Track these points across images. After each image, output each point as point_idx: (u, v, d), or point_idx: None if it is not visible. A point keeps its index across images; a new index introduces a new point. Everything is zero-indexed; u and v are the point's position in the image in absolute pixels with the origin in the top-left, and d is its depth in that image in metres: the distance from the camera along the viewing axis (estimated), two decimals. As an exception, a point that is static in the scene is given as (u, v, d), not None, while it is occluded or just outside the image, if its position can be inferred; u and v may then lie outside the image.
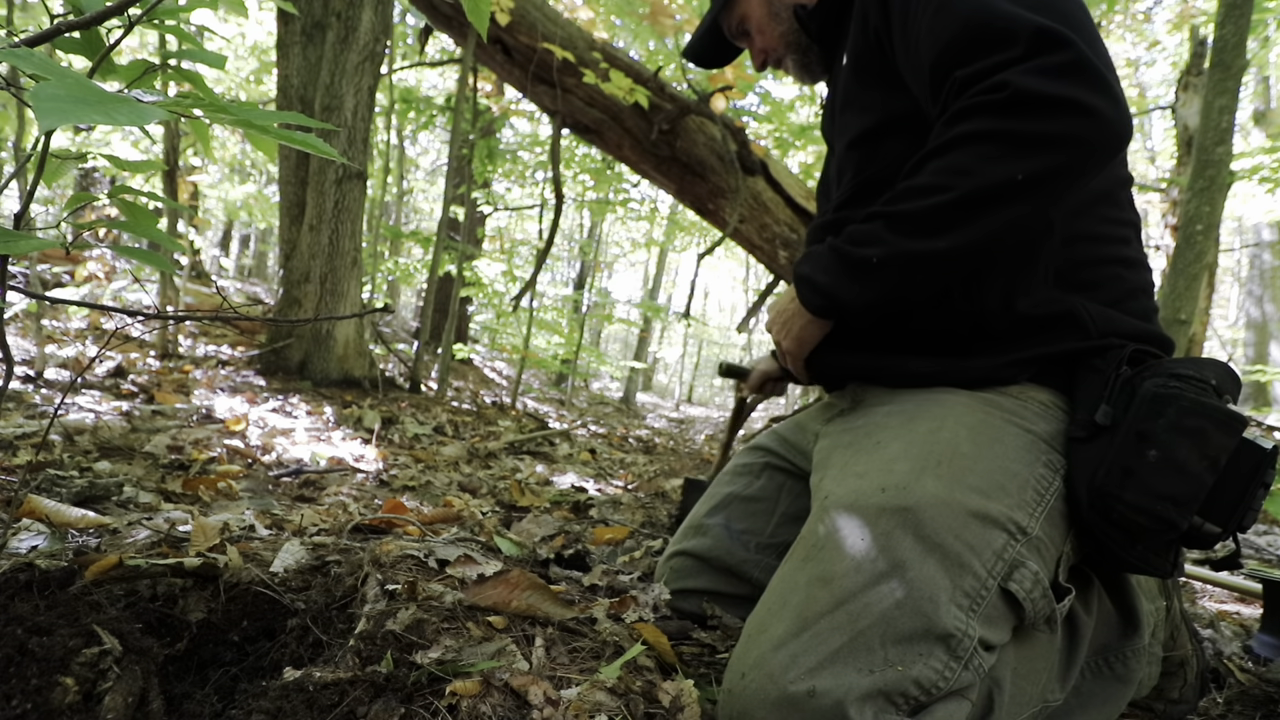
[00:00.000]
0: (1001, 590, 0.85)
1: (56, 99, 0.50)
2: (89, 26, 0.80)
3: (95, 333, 4.61)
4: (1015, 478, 0.90)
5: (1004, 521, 0.87)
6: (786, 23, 1.28)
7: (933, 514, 0.85)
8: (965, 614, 0.82)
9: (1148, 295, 1.05)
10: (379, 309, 1.12)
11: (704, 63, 1.45)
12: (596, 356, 11.06)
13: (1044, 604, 0.87)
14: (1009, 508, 0.88)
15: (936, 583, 0.82)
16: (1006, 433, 0.94)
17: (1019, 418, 0.96)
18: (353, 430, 3.09)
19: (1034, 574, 0.86)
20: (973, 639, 0.80)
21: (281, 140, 0.73)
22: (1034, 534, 0.88)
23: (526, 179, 8.70)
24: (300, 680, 0.80)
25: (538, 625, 0.99)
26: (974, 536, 0.85)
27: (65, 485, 1.58)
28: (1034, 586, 0.86)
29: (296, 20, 4.32)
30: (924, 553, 0.83)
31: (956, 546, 0.84)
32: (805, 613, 0.83)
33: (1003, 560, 0.85)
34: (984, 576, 0.84)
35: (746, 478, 1.32)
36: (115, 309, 0.79)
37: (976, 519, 0.86)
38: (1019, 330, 0.99)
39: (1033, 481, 0.91)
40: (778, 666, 0.79)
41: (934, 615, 0.80)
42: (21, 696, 0.72)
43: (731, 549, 1.25)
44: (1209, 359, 0.94)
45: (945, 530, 0.84)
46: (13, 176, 1.00)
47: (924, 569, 0.82)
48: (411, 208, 15.33)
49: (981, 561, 0.84)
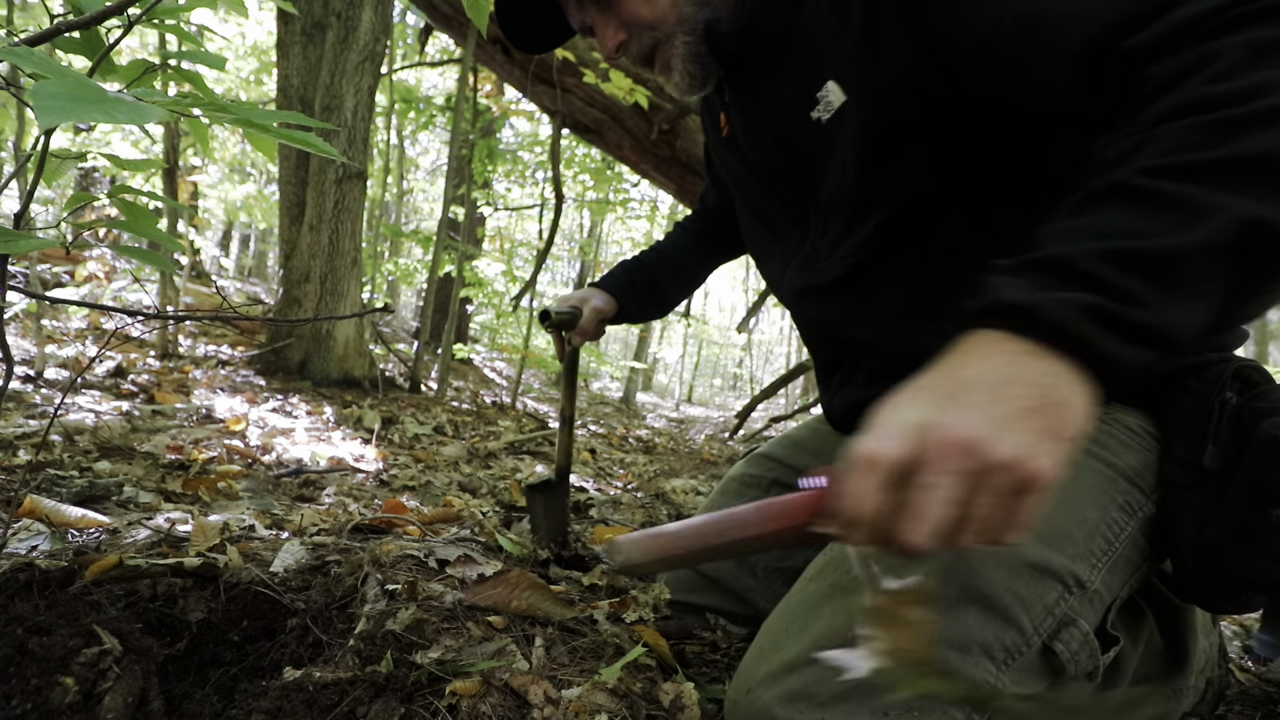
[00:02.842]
0: (1044, 647, 0.78)
1: (56, 97, 0.50)
2: (88, 26, 0.80)
3: (95, 333, 4.61)
4: (1084, 524, 0.81)
5: (1063, 574, 0.78)
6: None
7: (984, 561, 0.77)
8: (997, 667, 0.75)
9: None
10: (379, 309, 1.12)
11: (525, 41, 1.07)
12: (596, 356, 11.06)
13: (1088, 661, 0.79)
14: (1070, 558, 0.79)
15: (972, 633, 0.75)
16: (1083, 466, 0.83)
17: (1100, 447, 0.85)
18: (353, 430, 3.09)
19: (1083, 634, 0.78)
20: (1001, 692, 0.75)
21: (281, 139, 0.73)
22: (1092, 588, 0.80)
23: (526, 179, 8.69)
24: (300, 680, 0.80)
25: (538, 625, 0.99)
26: (1026, 589, 0.77)
27: (65, 485, 1.58)
28: (1081, 647, 0.79)
29: (296, 20, 4.32)
30: (965, 601, 0.76)
31: (1005, 600, 0.76)
32: (824, 642, 0.77)
33: (1053, 616, 0.78)
34: (1029, 633, 0.77)
35: (754, 490, 1.25)
36: (115, 309, 0.79)
37: (1033, 570, 0.77)
38: None
39: (1103, 528, 0.82)
40: (787, 691, 0.76)
41: (961, 666, 0.74)
42: (22, 696, 0.72)
43: (737, 574, 1.20)
44: None
45: (995, 581, 0.76)
46: (13, 176, 1.00)
47: (961, 618, 0.75)
48: (411, 208, 15.33)
49: (1030, 617, 0.77)
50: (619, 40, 0.95)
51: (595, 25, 0.97)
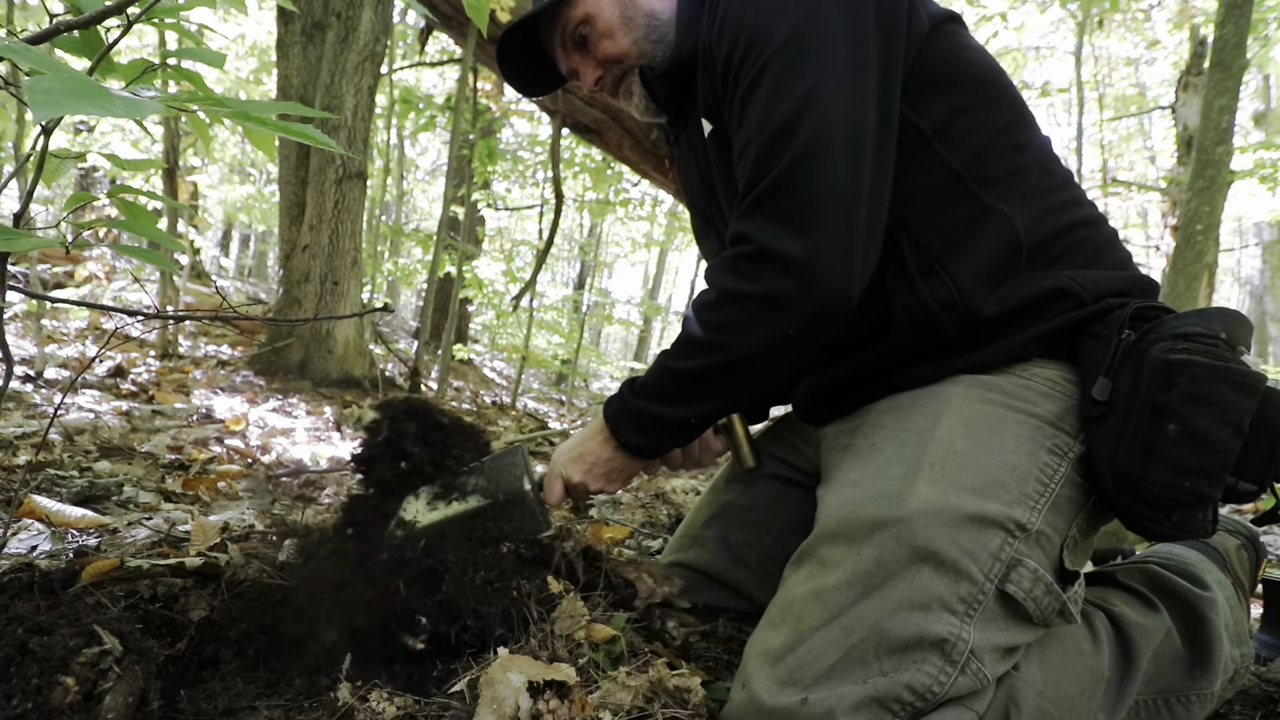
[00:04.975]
0: (1000, 593, 0.83)
1: (51, 91, 0.50)
2: (88, 26, 0.80)
3: (95, 333, 4.61)
4: (1015, 471, 0.88)
5: (1002, 520, 0.85)
6: (642, 29, 1.08)
7: (926, 523, 0.83)
8: (960, 619, 0.81)
9: (1117, 245, 1.03)
10: (379, 309, 1.13)
11: (527, 86, 1.24)
12: (596, 356, 11.06)
13: (1048, 599, 0.85)
14: (1007, 505, 0.86)
15: (929, 591, 0.81)
16: (1006, 421, 0.91)
17: (1022, 400, 0.93)
18: (353, 430, 3.09)
19: (1032, 572, 0.84)
20: (968, 642, 0.80)
21: (279, 131, 0.73)
22: (1035, 529, 0.86)
23: (526, 179, 8.69)
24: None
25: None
26: (970, 541, 0.83)
27: (65, 485, 1.58)
28: (1034, 585, 0.84)
29: (296, 20, 4.31)
30: (917, 563, 0.82)
31: (952, 553, 0.82)
32: (801, 627, 0.84)
33: (1000, 561, 0.84)
34: (980, 581, 0.82)
35: (743, 485, 1.28)
36: (115, 309, 0.79)
37: (972, 522, 0.84)
38: (1010, 319, 0.96)
39: (1035, 472, 0.89)
40: (774, 679, 0.82)
41: (925, 623, 0.80)
42: (22, 696, 0.71)
43: (731, 567, 1.22)
44: (1213, 309, 0.89)
45: (940, 538, 0.83)
46: (12, 176, 1.00)
47: (916, 579, 0.81)
48: (411, 207, 15.33)
49: (978, 565, 0.83)
50: (596, 76, 1.12)
51: (578, 67, 1.14)
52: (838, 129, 0.87)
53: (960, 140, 0.99)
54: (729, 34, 0.95)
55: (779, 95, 0.89)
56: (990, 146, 0.99)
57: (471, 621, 0.89)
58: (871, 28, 0.91)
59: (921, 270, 0.98)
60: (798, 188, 0.87)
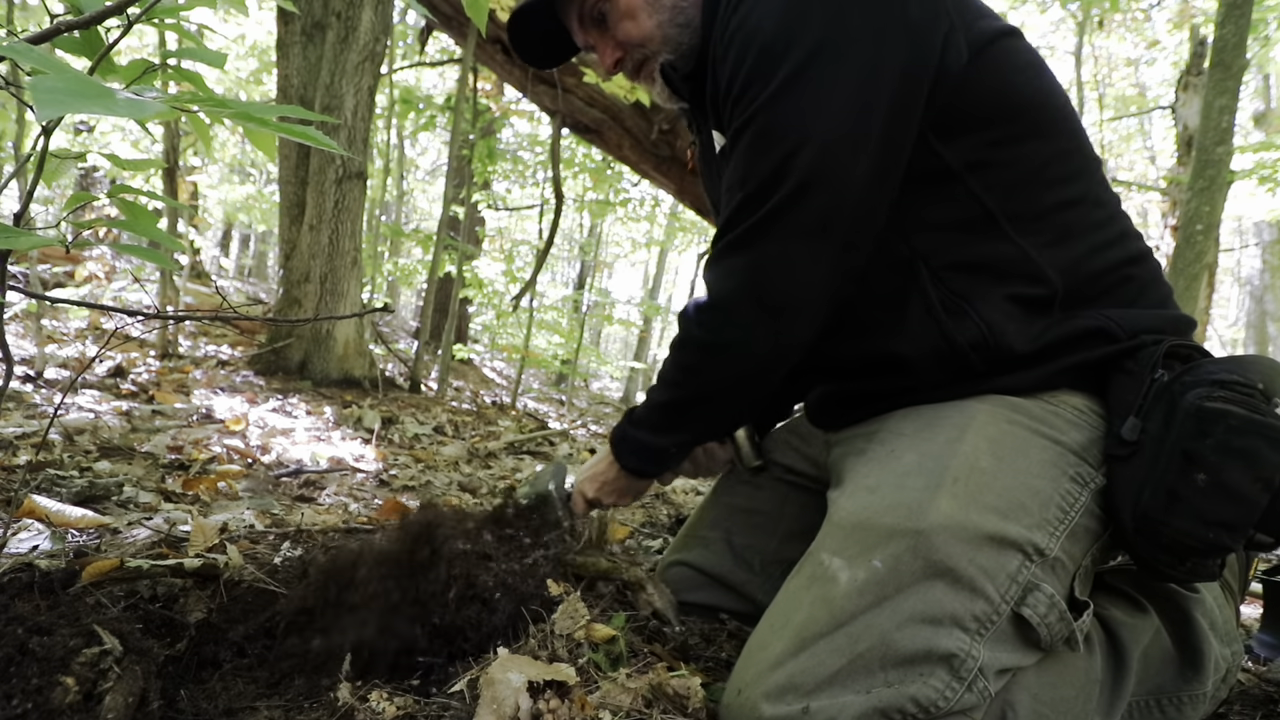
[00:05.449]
0: (1014, 615, 0.83)
1: (54, 90, 0.50)
2: (88, 26, 0.80)
3: (95, 333, 4.61)
4: (1038, 495, 0.86)
5: (1021, 543, 0.84)
6: (668, 11, 1.03)
7: (945, 538, 0.82)
8: (971, 637, 0.80)
9: (1160, 281, 1.00)
10: (379, 309, 1.14)
11: (534, 57, 1.19)
12: (596, 356, 11.06)
13: (1060, 626, 0.84)
14: (1028, 528, 0.84)
15: (942, 606, 0.80)
16: (1032, 444, 0.89)
17: (1048, 426, 0.91)
18: (353, 430, 3.09)
19: (1049, 597, 0.83)
20: (977, 660, 0.79)
21: (280, 131, 0.73)
22: (1052, 555, 0.85)
23: (526, 179, 8.69)
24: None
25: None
26: (988, 560, 0.82)
27: (65, 485, 1.58)
28: (1049, 610, 0.83)
29: (296, 20, 4.31)
30: (931, 577, 0.81)
31: (969, 571, 0.81)
32: (805, 633, 0.82)
33: (1016, 584, 0.83)
34: (996, 601, 0.82)
35: (748, 487, 1.27)
36: (115, 309, 0.79)
37: (992, 542, 0.83)
38: (1042, 354, 0.93)
39: (1057, 498, 0.87)
40: (774, 686, 0.80)
41: (935, 638, 0.79)
42: (22, 696, 0.71)
43: (734, 569, 1.22)
44: (1252, 357, 0.87)
45: (958, 555, 0.81)
46: (12, 176, 1.00)
47: (930, 593, 0.80)
48: (411, 207, 15.32)
49: (995, 586, 0.82)
50: (616, 58, 1.08)
51: (595, 45, 1.09)
52: (815, 194, 0.86)
53: (997, 175, 0.94)
54: (734, 56, 0.91)
55: (764, 149, 0.88)
56: (1034, 179, 0.95)
57: (496, 598, 0.93)
58: (891, 69, 0.85)
59: (948, 308, 0.94)
60: (765, 252, 0.89)
